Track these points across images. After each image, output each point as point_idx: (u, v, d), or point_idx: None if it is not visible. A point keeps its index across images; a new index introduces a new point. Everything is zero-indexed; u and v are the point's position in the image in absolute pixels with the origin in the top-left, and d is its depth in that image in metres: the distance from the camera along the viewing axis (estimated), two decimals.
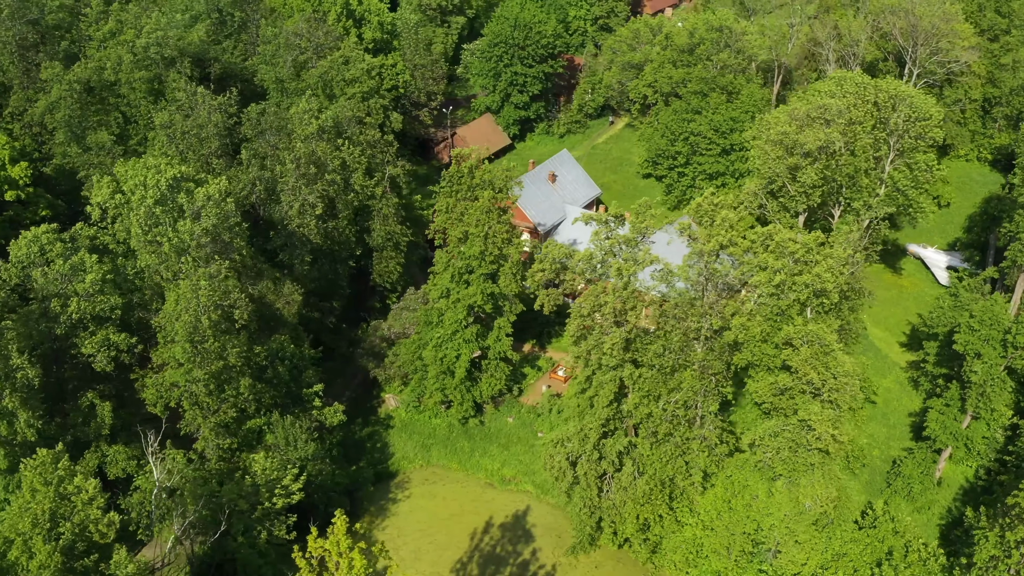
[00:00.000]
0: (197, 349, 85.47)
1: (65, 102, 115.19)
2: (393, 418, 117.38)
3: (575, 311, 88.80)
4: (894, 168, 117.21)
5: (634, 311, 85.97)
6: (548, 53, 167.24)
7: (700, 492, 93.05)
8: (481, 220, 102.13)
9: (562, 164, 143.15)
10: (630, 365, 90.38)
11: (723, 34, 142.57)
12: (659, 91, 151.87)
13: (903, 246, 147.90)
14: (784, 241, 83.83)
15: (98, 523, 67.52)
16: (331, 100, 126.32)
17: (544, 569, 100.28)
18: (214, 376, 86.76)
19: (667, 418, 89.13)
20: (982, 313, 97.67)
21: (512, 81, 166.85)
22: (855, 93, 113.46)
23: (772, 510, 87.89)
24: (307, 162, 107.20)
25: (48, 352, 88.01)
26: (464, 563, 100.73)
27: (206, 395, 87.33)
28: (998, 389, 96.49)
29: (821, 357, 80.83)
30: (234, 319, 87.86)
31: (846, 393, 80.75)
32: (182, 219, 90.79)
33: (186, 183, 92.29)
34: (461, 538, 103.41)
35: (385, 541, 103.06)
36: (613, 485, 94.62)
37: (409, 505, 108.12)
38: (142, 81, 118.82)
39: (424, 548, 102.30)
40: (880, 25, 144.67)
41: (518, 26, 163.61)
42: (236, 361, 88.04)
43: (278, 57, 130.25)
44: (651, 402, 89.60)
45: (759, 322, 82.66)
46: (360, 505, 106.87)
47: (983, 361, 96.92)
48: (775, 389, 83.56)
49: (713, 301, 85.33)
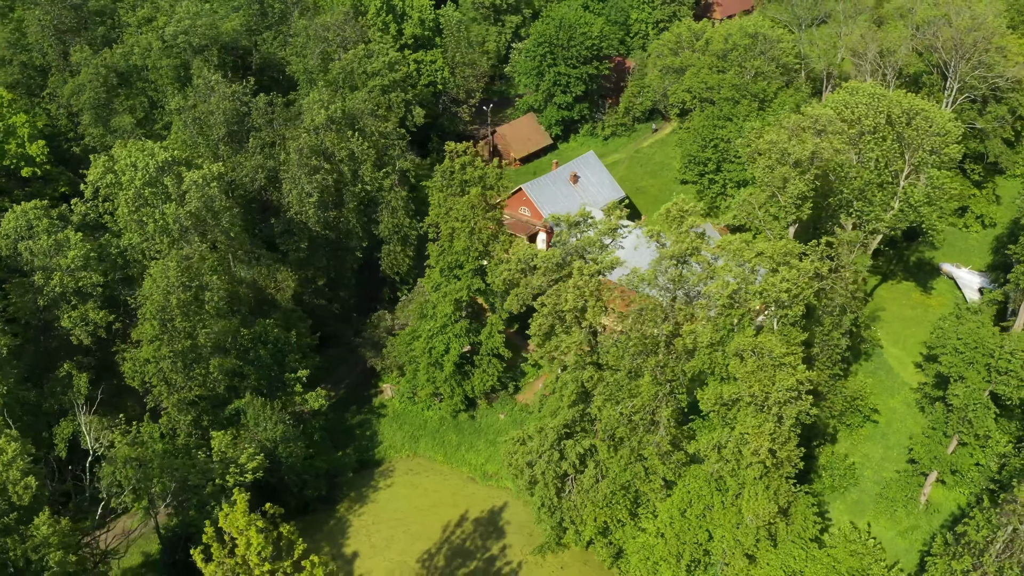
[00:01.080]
0: (166, 327, 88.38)
1: (91, 85, 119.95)
2: (387, 407, 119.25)
3: (539, 309, 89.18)
4: (909, 183, 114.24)
5: (593, 311, 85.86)
6: (593, 55, 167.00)
7: (661, 499, 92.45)
8: (466, 216, 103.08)
9: (586, 166, 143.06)
10: (592, 367, 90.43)
11: (756, 41, 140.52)
12: (696, 96, 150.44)
13: (937, 264, 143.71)
14: (740, 249, 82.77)
15: (16, 484, 70.49)
16: (353, 91, 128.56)
17: (510, 566, 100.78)
18: (181, 354, 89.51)
19: (623, 422, 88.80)
20: (967, 335, 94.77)
21: (555, 81, 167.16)
22: (867, 104, 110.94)
23: (723, 521, 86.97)
24: (309, 152, 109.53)
25: (35, 323, 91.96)
26: (432, 554, 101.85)
27: (172, 372, 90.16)
28: (980, 414, 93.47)
29: (769, 370, 79.51)
30: (204, 300, 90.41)
31: (793, 408, 79.32)
32: (168, 202, 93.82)
33: (177, 167, 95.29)
34: (434, 529, 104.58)
35: (360, 527, 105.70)
36: (575, 487, 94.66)
37: (389, 493, 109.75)
38: (168, 68, 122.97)
39: (396, 536, 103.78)
40: (924, 37, 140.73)
41: (563, 26, 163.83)
42: (206, 341, 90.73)
43: (307, 49, 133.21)
44: (612, 405, 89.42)
45: (710, 330, 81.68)
46: (340, 490, 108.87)
47: (965, 385, 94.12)
48: (719, 400, 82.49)
49: (668, 306, 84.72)
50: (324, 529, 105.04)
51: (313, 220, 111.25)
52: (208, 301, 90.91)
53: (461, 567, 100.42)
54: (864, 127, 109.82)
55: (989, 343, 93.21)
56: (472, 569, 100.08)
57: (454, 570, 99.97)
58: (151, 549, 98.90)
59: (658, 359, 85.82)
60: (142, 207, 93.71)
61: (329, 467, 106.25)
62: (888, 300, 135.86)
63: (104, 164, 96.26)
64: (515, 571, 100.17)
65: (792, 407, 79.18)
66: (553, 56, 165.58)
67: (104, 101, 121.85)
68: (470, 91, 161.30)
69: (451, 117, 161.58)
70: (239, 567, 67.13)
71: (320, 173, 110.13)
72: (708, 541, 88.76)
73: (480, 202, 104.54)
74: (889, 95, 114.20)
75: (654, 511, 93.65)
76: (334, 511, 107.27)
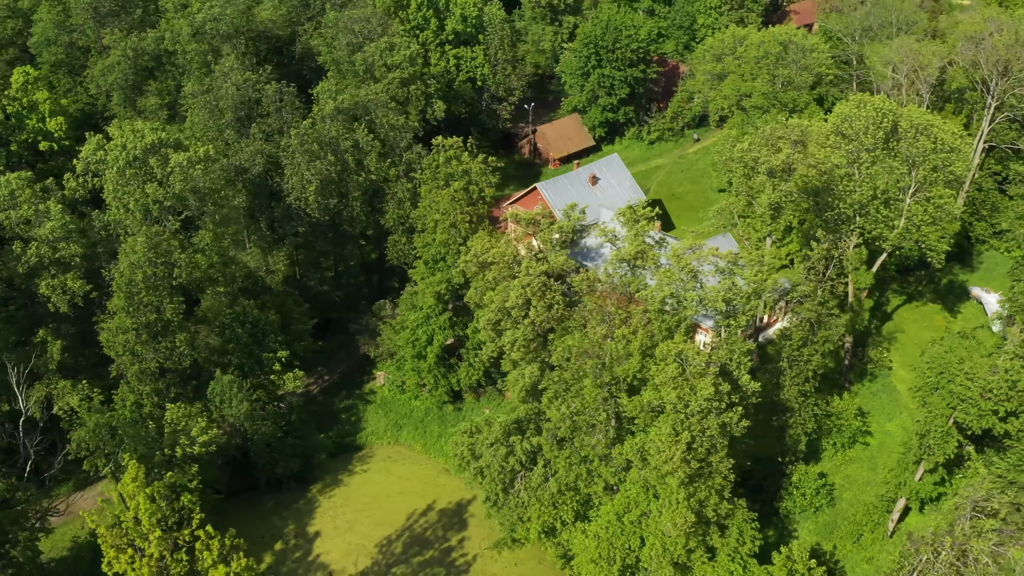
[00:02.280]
0: (132, 301, 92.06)
1: (120, 66, 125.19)
2: (376, 395, 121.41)
3: (487, 304, 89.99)
4: (914, 201, 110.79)
5: (535, 309, 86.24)
6: (639, 58, 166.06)
7: (605, 502, 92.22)
8: (447, 209, 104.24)
9: (608, 168, 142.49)
10: (538, 364, 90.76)
11: (787, 49, 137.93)
12: (733, 104, 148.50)
13: (968, 288, 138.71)
14: (681, 253, 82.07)
15: None
16: (375, 82, 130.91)
17: (465, 558, 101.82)
18: (147, 327, 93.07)
19: (566, 422, 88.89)
20: (935, 359, 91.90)
21: (600, 83, 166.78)
22: (868, 119, 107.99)
23: (654, 528, 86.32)
24: (310, 139, 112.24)
25: (20, 289, 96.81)
26: (391, 540, 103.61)
27: (137, 343, 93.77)
28: (940, 441, 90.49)
29: (692, 378, 78.52)
30: (173, 277, 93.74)
31: (715, 418, 78.21)
32: (152, 182, 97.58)
33: (165, 149, 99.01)
34: (398, 517, 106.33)
35: (328, 507, 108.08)
36: (524, 484, 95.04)
37: (363, 478, 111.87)
38: (195, 53, 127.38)
39: (361, 520, 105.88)
40: (966, 52, 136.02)
41: (609, 28, 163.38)
42: (173, 316, 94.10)
43: (336, 40, 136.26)
44: (558, 404, 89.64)
45: (641, 336, 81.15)
46: (316, 471, 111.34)
47: (928, 409, 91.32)
48: (644, 406, 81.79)
49: (608, 309, 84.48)
50: (293, 507, 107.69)
51: (313, 206, 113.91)
52: (176, 279, 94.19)
53: (417, 555, 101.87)
54: (863, 143, 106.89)
55: (953, 368, 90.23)
56: (427, 558, 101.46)
57: (410, 557, 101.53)
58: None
59: (596, 361, 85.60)
60: (125, 185, 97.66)
61: (303, 448, 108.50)
62: (909, 322, 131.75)
63: (97, 142, 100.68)
64: (469, 564, 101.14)
65: (714, 417, 78.06)
66: (599, 58, 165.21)
67: (133, 82, 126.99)
68: (510, 89, 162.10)
69: (491, 114, 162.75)
70: (133, 529, 69.65)
71: (320, 161, 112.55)
72: (640, 547, 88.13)
73: (463, 196, 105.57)
74: (899, 110, 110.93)
75: (598, 514, 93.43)
76: (307, 491, 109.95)
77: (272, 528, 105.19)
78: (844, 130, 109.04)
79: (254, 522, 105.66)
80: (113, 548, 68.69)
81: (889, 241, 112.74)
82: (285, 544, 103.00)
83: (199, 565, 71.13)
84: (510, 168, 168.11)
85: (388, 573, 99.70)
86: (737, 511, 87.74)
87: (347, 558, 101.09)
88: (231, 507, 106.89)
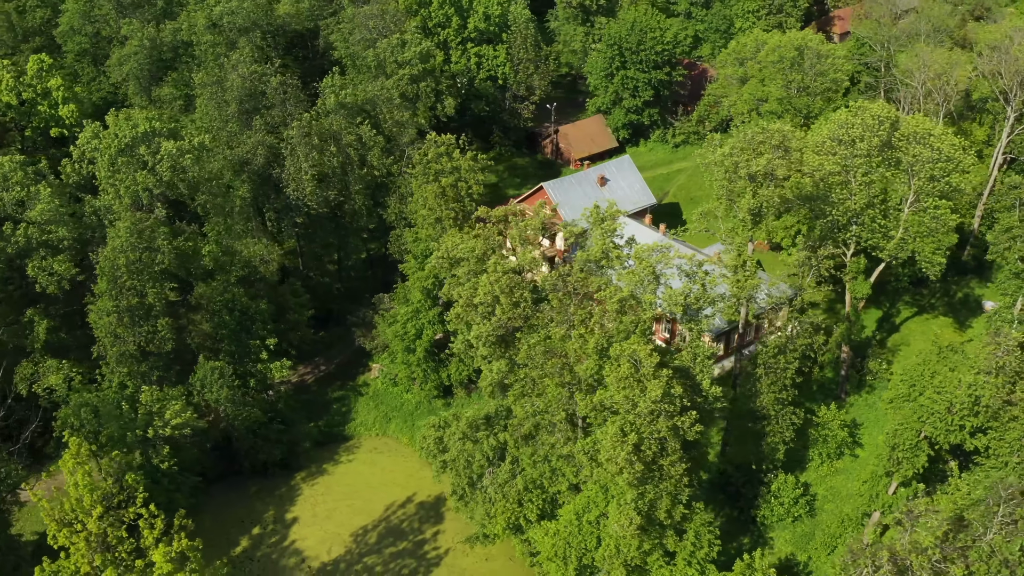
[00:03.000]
0: (115, 284, 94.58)
1: (136, 56, 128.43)
2: (369, 386, 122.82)
3: (457, 300, 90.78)
4: (912, 212, 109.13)
5: (501, 307, 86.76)
6: (665, 60, 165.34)
7: (569, 500, 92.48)
8: (432, 204, 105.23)
9: (619, 169, 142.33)
10: (505, 361, 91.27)
11: (802, 54, 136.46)
12: (751, 109, 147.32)
13: (983, 302, 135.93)
14: (642, 253, 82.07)
15: None
16: (387, 78, 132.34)
17: (436, 552, 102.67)
18: (128, 310, 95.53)
19: (529, 420, 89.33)
20: (907, 371, 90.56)
21: (624, 84, 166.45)
22: (864, 125, 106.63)
23: (610, 529, 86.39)
24: (310, 132, 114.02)
25: (16, 269, 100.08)
26: (367, 530, 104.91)
27: (119, 325, 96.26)
28: (908, 455, 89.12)
29: (645, 379, 78.36)
30: (155, 263, 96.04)
31: (665, 420, 77.96)
32: (142, 169, 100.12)
33: (158, 138, 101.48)
34: (377, 507, 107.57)
35: (309, 495, 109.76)
36: (491, 479, 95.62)
37: (347, 468, 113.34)
38: (209, 45, 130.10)
39: (339, 509, 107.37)
40: (988, 62, 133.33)
41: (634, 29, 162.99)
42: (155, 301, 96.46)
43: (352, 36, 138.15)
44: (523, 402, 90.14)
45: (598, 335, 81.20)
46: (301, 458, 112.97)
47: (897, 422, 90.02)
48: (597, 405, 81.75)
49: (567, 307, 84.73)
50: (276, 493, 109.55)
51: (311, 199, 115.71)
52: (158, 264, 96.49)
53: (390, 546, 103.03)
54: (858, 150, 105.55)
55: (924, 381, 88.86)
56: (400, 549, 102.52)
57: (383, 548, 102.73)
58: None
59: (557, 360, 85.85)
60: (116, 172, 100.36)
61: (288, 435, 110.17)
62: (917, 334, 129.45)
63: (93, 130, 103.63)
64: (440, 557, 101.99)
65: (665, 420, 77.81)
66: (623, 59, 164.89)
67: (149, 72, 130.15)
68: (532, 88, 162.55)
69: (512, 113, 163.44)
70: (76, 506, 71.59)
71: (317, 152, 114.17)
72: (597, 548, 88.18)
73: (451, 192, 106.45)
74: (899, 118, 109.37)
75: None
76: (291, 477, 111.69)
77: (253, 512, 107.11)
78: (840, 136, 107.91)
79: (236, 506, 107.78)
80: (55, 522, 70.82)
81: (886, 252, 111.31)
82: (263, 528, 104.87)
83: (143, 543, 72.89)
84: (532, 167, 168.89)
85: (360, 562, 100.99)
86: (695, 515, 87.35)
87: (321, 545, 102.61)
88: (216, 490, 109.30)
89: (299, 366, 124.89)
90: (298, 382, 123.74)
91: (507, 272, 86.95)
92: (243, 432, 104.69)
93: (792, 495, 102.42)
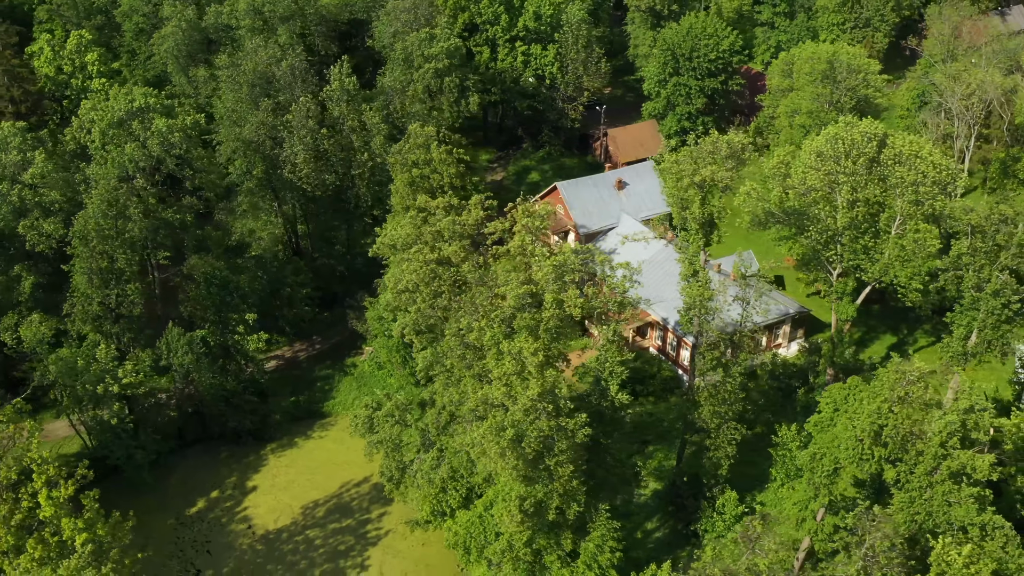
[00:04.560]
0: (87, 246, 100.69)
1: (173, 35, 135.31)
2: (357, 368, 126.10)
3: (390, 286, 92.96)
4: (897, 234, 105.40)
5: (422, 295, 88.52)
6: (720, 68, 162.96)
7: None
8: (403, 193, 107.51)
9: (638, 174, 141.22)
10: (431, 350, 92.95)
11: (832, 67, 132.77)
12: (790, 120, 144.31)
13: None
14: (558, 261, 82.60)
15: None
16: (415, 70, 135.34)
17: (378, 532, 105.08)
18: (98, 272, 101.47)
19: (444, 410, 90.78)
20: (828, 395, 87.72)
21: (676, 90, 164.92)
22: (850, 142, 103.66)
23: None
24: (307, 115, 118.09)
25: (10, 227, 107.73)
26: (318, 504, 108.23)
27: (87, 286, 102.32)
28: (826, 480, 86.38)
29: (530, 377, 78.74)
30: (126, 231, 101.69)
31: (545, 422, 78.14)
32: (133, 143, 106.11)
33: (153, 113, 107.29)
34: (333, 484, 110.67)
35: (274, 466, 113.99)
36: (418, 465, 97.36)
37: (317, 444, 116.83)
38: (247, 30, 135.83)
39: (298, 482, 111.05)
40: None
41: (689, 36, 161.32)
42: (125, 267, 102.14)
43: (387, 28, 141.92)
44: (442, 393, 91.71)
45: (496, 328, 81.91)
46: (273, 431, 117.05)
47: (814, 447, 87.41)
48: (482, 400, 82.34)
49: (477, 301, 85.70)
50: (244, 461, 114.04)
51: (306, 181, 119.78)
52: (129, 232, 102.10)
53: (335, 522, 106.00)
54: (842, 167, 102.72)
55: (844, 406, 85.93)
56: (343, 526, 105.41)
57: (327, 523, 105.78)
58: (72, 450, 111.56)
59: (469, 352, 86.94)
60: (107, 144, 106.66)
61: (262, 407, 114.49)
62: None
63: (94, 102, 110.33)
64: (380, 537, 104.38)
65: (546, 419, 78.03)
66: (676, 64, 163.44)
67: (187, 52, 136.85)
68: (580, 89, 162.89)
69: (560, 113, 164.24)
70: None
71: (312, 136, 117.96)
72: (496, 539, 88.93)
73: (422, 183, 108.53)
74: (891, 136, 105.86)
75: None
76: (262, 447, 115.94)
77: (218, 476, 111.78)
78: (826, 152, 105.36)
79: (205, 469, 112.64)
80: None
81: (869, 274, 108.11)
82: (221, 492, 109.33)
83: (32, 486, 77.23)
84: (580, 168, 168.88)
85: (302, 534, 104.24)
86: (598, 519, 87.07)
87: (270, 514, 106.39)
88: (191, 452, 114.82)
89: (295, 343, 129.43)
90: (291, 358, 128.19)
91: (429, 262, 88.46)
92: (212, 399, 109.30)
93: (735, 512, 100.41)
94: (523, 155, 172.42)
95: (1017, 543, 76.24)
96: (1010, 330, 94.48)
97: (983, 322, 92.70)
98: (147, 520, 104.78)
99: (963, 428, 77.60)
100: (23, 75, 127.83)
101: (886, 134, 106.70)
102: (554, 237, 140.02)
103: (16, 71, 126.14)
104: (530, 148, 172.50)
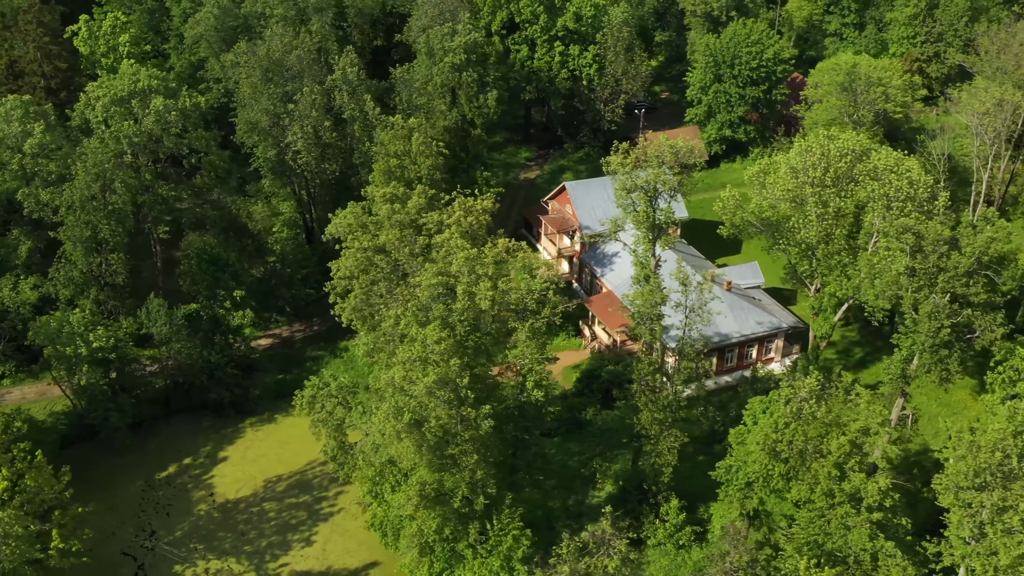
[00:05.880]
0: (75, 217, 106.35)
1: (205, 21, 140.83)
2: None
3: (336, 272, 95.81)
4: (872, 251, 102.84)
5: (359, 283, 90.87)
6: (763, 77, 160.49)
7: None
8: (379, 183, 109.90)
9: None
10: (372, 335, 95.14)
11: (851, 77, 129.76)
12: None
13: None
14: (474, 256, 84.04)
15: None
16: (436, 64, 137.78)
17: (331, 509, 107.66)
18: (82, 241, 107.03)
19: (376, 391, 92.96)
20: (749, 407, 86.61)
21: (717, 97, 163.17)
22: (826, 155, 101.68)
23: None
24: (312, 106, 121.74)
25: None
26: (280, 479, 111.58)
27: (73, 252, 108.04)
28: (738, 494, 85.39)
29: (431, 365, 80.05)
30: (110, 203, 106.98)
31: (442, 410, 79.43)
32: (131, 120, 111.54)
33: (155, 95, 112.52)
34: (300, 461, 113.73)
35: (250, 439, 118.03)
36: (359, 447, 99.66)
37: (294, 421, 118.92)
38: (278, 19, 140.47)
39: (266, 456, 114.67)
40: None
41: (731, 43, 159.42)
42: (109, 237, 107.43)
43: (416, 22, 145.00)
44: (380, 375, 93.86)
45: (410, 317, 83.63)
46: (254, 405, 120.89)
47: (728, 460, 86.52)
48: (389, 383, 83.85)
49: (399, 292, 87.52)
50: (223, 432, 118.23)
51: (307, 168, 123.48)
52: (113, 204, 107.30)
53: (291, 496, 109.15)
54: (809, 179, 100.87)
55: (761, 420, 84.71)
56: (299, 501, 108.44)
57: (284, 496, 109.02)
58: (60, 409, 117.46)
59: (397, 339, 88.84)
60: (109, 119, 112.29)
61: (244, 381, 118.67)
62: (918, 392, 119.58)
63: (101, 81, 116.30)
64: (331, 515, 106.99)
65: (445, 408, 79.31)
66: (718, 72, 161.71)
67: (220, 37, 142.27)
68: (616, 92, 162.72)
69: (597, 115, 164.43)
70: None
71: (311, 125, 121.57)
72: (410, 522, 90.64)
73: (399, 172, 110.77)
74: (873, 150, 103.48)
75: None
76: (243, 420, 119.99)
77: (195, 445, 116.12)
78: (795, 164, 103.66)
79: (184, 436, 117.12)
80: None
81: (843, 291, 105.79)
82: (193, 460, 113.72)
83: None
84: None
85: (259, 506, 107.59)
86: (505, 511, 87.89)
87: (233, 485, 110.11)
88: (177, 420, 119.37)
89: (295, 323, 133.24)
90: (287, 337, 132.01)
91: (367, 250, 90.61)
92: (193, 370, 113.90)
93: (675, 521, 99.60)
94: (562, 155, 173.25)
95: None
96: (948, 355, 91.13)
97: (922, 345, 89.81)
98: (120, 481, 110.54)
99: (858, 450, 75.99)
100: (54, 52, 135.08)
101: (868, 149, 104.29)
102: (564, 238, 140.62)
103: (48, 48, 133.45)
104: (570, 148, 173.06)
